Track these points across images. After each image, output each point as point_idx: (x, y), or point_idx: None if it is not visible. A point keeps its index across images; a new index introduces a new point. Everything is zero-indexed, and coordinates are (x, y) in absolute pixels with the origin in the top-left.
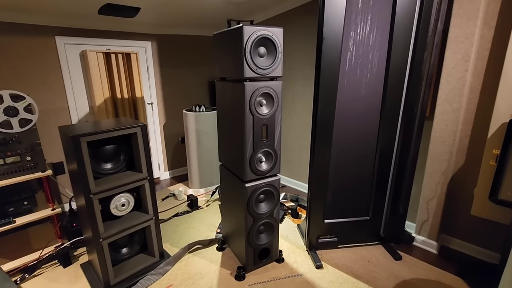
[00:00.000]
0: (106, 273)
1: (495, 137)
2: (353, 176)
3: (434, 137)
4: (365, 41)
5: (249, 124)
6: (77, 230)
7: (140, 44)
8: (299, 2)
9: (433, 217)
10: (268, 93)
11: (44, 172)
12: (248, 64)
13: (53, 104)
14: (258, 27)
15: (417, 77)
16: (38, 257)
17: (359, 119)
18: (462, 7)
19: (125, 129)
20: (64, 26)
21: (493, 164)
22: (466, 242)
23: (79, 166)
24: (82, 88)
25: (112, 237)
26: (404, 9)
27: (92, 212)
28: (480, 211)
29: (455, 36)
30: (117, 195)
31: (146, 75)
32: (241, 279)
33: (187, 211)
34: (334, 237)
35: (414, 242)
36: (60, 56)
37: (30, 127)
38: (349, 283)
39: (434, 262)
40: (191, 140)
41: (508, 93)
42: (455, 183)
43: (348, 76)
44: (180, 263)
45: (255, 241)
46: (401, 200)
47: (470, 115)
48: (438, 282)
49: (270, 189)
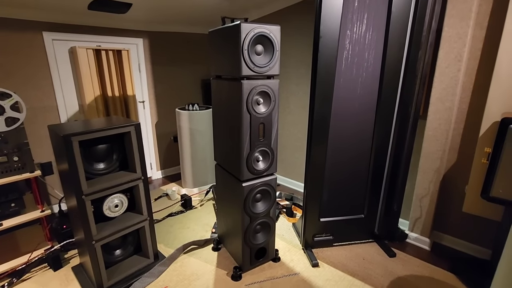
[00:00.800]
0: (99, 276)
1: (487, 136)
2: (349, 174)
3: (427, 136)
4: (361, 40)
5: (246, 123)
6: (67, 232)
7: (131, 41)
8: (294, 0)
9: (426, 214)
10: (265, 91)
11: (33, 173)
12: (245, 62)
13: (41, 102)
14: (255, 24)
15: (411, 76)
16: (26, 260)
17: (354, 118)
18: (456, 8)
19: (119, 128)
20: (52, 22)
21: (485, 162)
22: (457, 239)
23: (71, 167)
24: (71, 85)
25: (105, 239)
26: (399, 8)
27: (84, 214)
28: (472, 208)
29: (449, 36)
30: (110, 196)
31: (138, 73)
32: (237, 279)
33: (181, 211)
34: (329, 235)
35: (407, 239)
36: (48, 53)
37: (17, 126)
38: (345, 281)
39: (427, 258)
40: (185, 139)
41: (499, 93)
42: (447, 180)
43: (344, 75)
44: (175, 264)
45: (251, 240)
46: (395, 198)
47: (462, 114)
48: (431, 278)
49: (267, 189)
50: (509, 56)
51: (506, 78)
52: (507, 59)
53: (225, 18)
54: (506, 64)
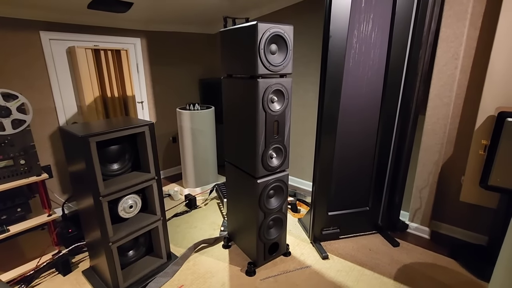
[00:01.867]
0: (115, 278)
1: (482, 129)
2: (355, 168)
3: (426, 130)
4: (368, 39)
5: (261, 120)
6: (73, 236)
7: (129, 41)
8: (292, 1)
9: (426, 205)
10: (279, 89)
11: (40, 176)
12: (261, 61)
13: (39, 104)
14: (270, 24)
15: (413, 74)
16: (35, 266)
17: (360, 114)
18: (453, 9)
19: (135, 128)
20: (50, 21)
21: (482, 153)
22: (455, 227)
23: (88, 168)
24: (69, 86)
25: (122, 240)
26: (403, 8)
27: (101, 215)
28: (468, 197)
29: (446, 36)
30: (125, 197)
31: (136, 73)
32: (252, 274)
33: (186, 211)
34: (336, 228)
35: (408, 229)
36: (45, 53)
37: (24, 128)
38: (355, 271)
39: (427, 246)
40: (186, 139)
41: (493, 89)
42: (445, 172)
43: (352, 73)
44: (188, 263)
45: (265, 236)
46: (397, 190)
47: (457, 109)
48: (434, 265)
49: (280, 185)
50: (502, 55)
51: (499, 75)
52: (500, 58)
53: (227, 18)
54: (499, 62)
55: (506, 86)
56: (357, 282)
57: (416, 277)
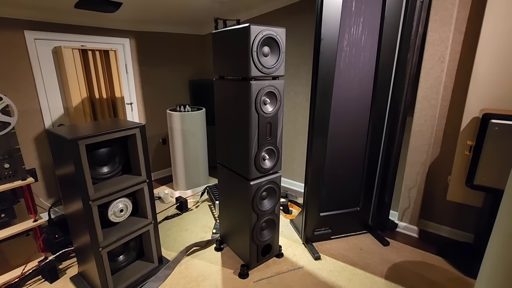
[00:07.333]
0: (105, 284)
1: (468, 130)
2: (346, 169)
3: (414, 131)
4: (358, 42)
5: (254, 122)
6: (60, 241)
7: (117, 41)
8: (282, 3)
9: (414, 204)
10: (272, 91)
11: (25, 180)
12: (254, 63)
13: (23, 105)
14: (263, 26)
15: (401, 76)
16: (20, 273)
17: (351, 115)
18: (438, 14)
19: (125, 130)
20: (35, 20)
21: (467, 154)
22: (441, 225)
23: (77, 172)
24: (55, 87)
25: (112, 245)
26: (392, 12)
27: (91, 220)
28: (455, 196)
29: (433, 39)
30: (116, 200)
31: (125, 74)
32: (245, 277)
33: (177, 214)
34: (328, 229)
35: (397, 228)
36: (30, 53)
37: (8, 131)
38: (347, 271)
39: (416, 245)
40: (177, 140)
41: (477, 91)
42: (432, 172)
43: (342, 75)
44: (180, 266)
45: (258, 237)
46: (387, 190)
47: (444, 111)
48: (423, 263)
49: (272, 186)
50: (485, 58)
51: (483, 77)
52: (484, 61)
53: (217, 19)
54: (483, 65)
55: (490, 88)
56: (349, 282)
57: (406, 275)
